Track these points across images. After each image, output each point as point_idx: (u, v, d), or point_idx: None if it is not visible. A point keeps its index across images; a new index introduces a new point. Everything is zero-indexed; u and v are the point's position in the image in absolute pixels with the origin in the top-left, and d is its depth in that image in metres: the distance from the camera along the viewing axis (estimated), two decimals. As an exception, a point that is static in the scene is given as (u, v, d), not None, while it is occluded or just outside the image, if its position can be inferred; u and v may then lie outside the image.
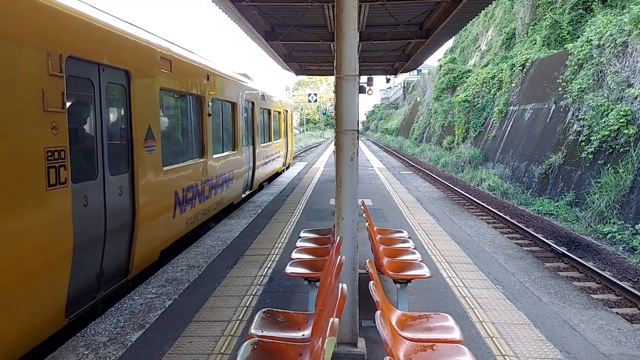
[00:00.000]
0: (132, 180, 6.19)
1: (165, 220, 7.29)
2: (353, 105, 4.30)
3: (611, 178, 12.44)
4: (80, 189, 4.98)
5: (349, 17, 4.19)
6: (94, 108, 5.37)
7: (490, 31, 37.47)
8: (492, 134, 24.17)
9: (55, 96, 4.49)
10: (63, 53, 4.63)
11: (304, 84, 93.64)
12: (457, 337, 3.27)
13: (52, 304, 4.62)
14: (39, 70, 4.30)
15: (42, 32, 4.38)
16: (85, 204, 5.08)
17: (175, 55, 7.66)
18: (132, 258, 6.21)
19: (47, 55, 4.38)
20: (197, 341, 4.62)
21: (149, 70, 6.70)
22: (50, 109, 4.41)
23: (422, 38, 12.49)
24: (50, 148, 4.41)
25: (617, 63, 14.59)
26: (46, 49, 4.39)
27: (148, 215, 6.56)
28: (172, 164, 7.61)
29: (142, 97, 6.42)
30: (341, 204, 4.35)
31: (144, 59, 6.57)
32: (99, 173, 5.44)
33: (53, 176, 4.44)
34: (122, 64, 5.91)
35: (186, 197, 8.12)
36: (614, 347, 4.50)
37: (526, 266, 7.08)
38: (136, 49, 6.36)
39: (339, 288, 2.75)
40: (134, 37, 6.32)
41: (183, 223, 8.09)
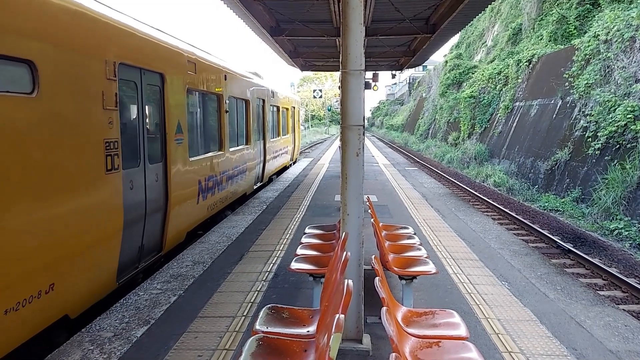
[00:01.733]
0: (165, 168, 7.11)
1: (191, 206, 8.20)
2: (359, 100, 4.28)
3: (618, 174, 12.35)
4: (128, 174, 5.91)
5: (355, 10, 4.16)
6: (137, 106, 6.32)
7: (497, 26, 37.25)
8: (497, 130, 24.06)
9: (110, 96, 5.43)
10: (116, 61, 5.57)
11: (309, 80, 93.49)
12: (463, 333, 3.25)
13: (108, 269, 5.57)
14: (100, 75, 5.26)
15: (102, 44, 5.35)
16: (131, 187, 6.01)
17: (198, 58, 8.56)
18: (165, 236, 7.15)
19: (105, 63, 5.34)
20: (202, 337, 4.62)
21: (178, 73, 7.59)
22: (107, 107, 5.35)
23: (428, 33, 12.41)
24: (108, 139, 5.36)
25: (625, 58, 14.47)
26: (104, 58, 5.34)
27: (178, 200, 7.48)
28: (196, 156, 8.53)
29: (173, 96, 7.31)
30: (347, 200, 4.33)
31: (175, 63, 7.46)
32: (141, 161, 6.37)
33: (109, 162, 5.39)
34: (158, 68, 6.84)
35: (207, 185, 9.05)
36: (621, 344, 4.47)
37: (532, 262, 7.05)
38: (168, 54, 7.27)
39: (345, 284, 2.74)
40: (167, 44, 7.24)
41: (204, 209, 9.00)
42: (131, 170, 6.02)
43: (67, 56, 4.71)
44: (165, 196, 7.08)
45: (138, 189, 6.19)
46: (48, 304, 4.48)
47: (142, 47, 6.39)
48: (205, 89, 9.02)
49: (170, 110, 7.22)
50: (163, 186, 7.02)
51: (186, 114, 7.89)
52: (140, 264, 6.44)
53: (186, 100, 7.90)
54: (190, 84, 8.07)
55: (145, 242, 6.51)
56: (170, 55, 7.31)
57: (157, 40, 6.89)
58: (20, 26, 4.08)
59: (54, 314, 4.65)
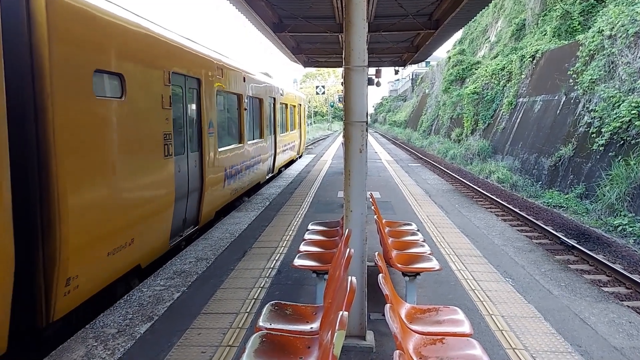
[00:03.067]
0: (201, 157, 8.56)
1: (219, 189, 9.67)
2: (362, 96, 4.26)
3: (622, 170, 12.30)
4: (177, 160, 7.35)
5: (358, 6, 4.14)
6: (182, 105, 7.75)
7: (500, 22, 37.08)
8: (501, 126, 23.98)
9: (166, 98, 6.86)
10: (170, 70, 7.02)
11: (312, 76, 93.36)
12: (467, 330, 3.24)
13: (165, 233, 7.06)
14: (160, 82, 6.72)
15: (161, 58, 6.80)
16: (179, 170, 7.46)
17: (224, 64, 10.00)
18: (200, 213, 8.62)
19: (163, 73, 6.80)
20: (205, 333, 4.63)
21: (210, 77, 9.00)
22: (164, 107, 6.80)
23: (431, 29, 12.36)
24: (165, 132, 6.83)
25: (629, 54, 14.39)
26: (163, 69, 6.81)
27: (210, 183, 8.91)
28: (223, 147, 9.97)
29: (206, 96, 8.77)
30: (350, 197, 4.32)
31: (208, 69, 8.90)
32: (185, 150, 7.85)
33: (166, 150, 6.86)
34: (196, 74, 8.26)
35: (231, 173, 10.53)
36: (625, 341, 4.45)
37: (536, 259, 7.03)
38: (203, 62, 8.69)
39: (348, 281, 2.73)
40: (202, 53, 8.67)
41: (228, 193, 10.50)
42: (178, 156, 7.49)
43: (141, 69, 6.22)
44: (201, 179, 8.56)
45: (183, 172, 7.72)
46: (131, 253, 5.96)
47: (185, 58, 7.84)
48: (229, 90, 10.50)
49: (205, 108, 8.67)
50: (199, 171, 8.50)
51: (216, 111, 9.35)
52: (183, 233, 7.95)
53: (216, 100, 9.36)
54: (218, 86, 9.52)
55: (187, 215, 8.06)
56: (204, 63, 8.74)
57: (195, 51, 8.34)
58: (116, 49, 5.58)
59: (133, 261, 6.14)
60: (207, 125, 8.79)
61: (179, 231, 7.72)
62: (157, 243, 6.80)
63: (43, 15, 4.42)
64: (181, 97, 7.72)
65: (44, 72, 4.44)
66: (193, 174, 8.14)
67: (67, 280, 4.70)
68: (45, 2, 4.45)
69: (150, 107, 6.41)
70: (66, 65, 4.70)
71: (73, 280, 4.80)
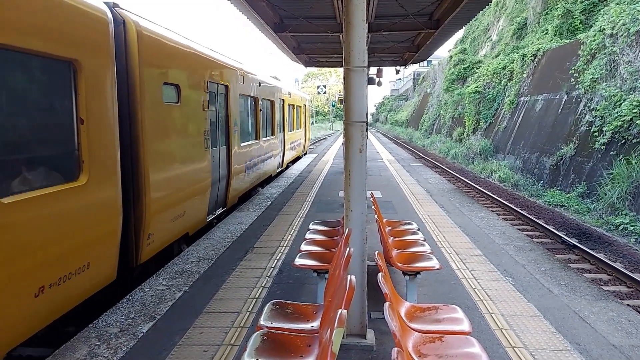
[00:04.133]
0: (228, 150, 10.16)
1: (241, 178, 11.35)
2: (362, 96, 4.29)
3: (623, 169, 12.30)
4: (212, 152, 8.99)
5: (358, 7, 4.17)
6: (215, 107, 9.25)
7: (502, 21, 37.05)
8: (502, 125, 23.98)
9: (205, 102, 8.49)
10: (207, 80, 8.66)
11: (313, 75, 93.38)
12: (466, 328, 3.27)
13: (204, 210, 8.71)
14: (201, 90, 8.36)
15: (202, 70, 8.46)
16: (213, 160, 9.06)
17: (245, 71, 11.67)
18: (228, 196, 10.33)
19: (203, 82, 8.44)
20: (207, 332, 4.66)
21: (234, 83, 10.58)
22: (204, 109, 8.44)
23: (432, 29, 12.36)
24: (205, 129, 8.52)
25: (631, 53, 14.39)
26: (203, 79, 8.46)
27: (235, 172, 10.60)
28: (244, 143, 11.63)
29: (232, 100, 10.35)
30: (350, 197, 4.35)
31: (233, 77, 10.49)
32: (217, 144, 9.43)
33: (206, 143, 8.53)
34: (225, 82, 9.86)
35: (250, 165, 12.21)
36: (624, 339, 4.47)
37: (536, 258, 7.05)
38: (230, 71, 10.29)
39: (348, 280, 2.76)
40: (228, 64, 10.26)
41: (248, 182, 12.24)
42: (213, 149, 9.10)
43: (190, 80, 7.85)
44: (228, 169, 10.20)
45: (216, 162, 9.32)
46: (183, 222, 7.65)
47: (217, 69, 9.40)
48: (249, 94, 12.22)
49: (231, 110, 10.24)
50: (227, 162, 10.12)
51: (239, 112, 10.98)
52: (215, 212, 9.63)
53: (239, 102, 10.99)
54: (240, 91, 11.16)
55: (218, 198, 9.75)
56: (230, 72, 10.36)
57: (224, 62, 9.94)
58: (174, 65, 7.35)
59: (184, 229, 7.82)
60: (233, 124, 10.40)
61: (212, 210, 9.43)
62: (199, 217, 8.51)
63: (135, 45, 6.08)
64: (214, 101, 9.27)
65: (135, 85, 6.14)
66: (223, 164, 9.84)
67: (148, 235, 6.41)
68: (137, 37, 6.07)
69: (195, 109, 8.09)
70: (148, 80, 6.34)
71: (151, 236, 6.49)
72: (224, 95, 9.91)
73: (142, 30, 6.22)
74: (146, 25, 6.43)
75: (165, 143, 6.89)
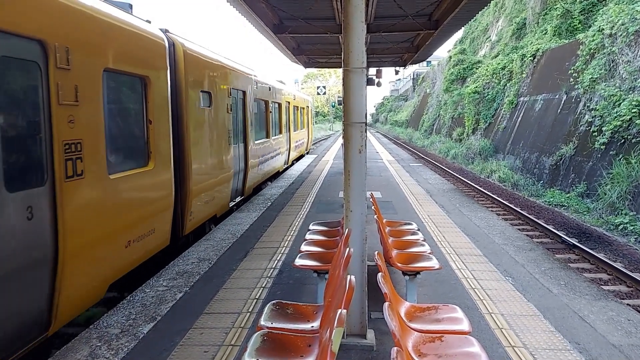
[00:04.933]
0: (245, 146, 11.69)
1: (255, 171, 12.89)
2: (361, 97, 4.30)
3: (623, 169, 12.32)
4: (234, 147, 10.48)
5: (357, 9, 4.19)
6: (234, 110, 10.60)
7: (501, 21, 37.08)
8: (502, 125, 24.00)
9: (229, 106, 10.01)
10: (230, 87, 10.19)
11: (313, 76, 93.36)
12: (466, 328, 3.28)
13: (227, 197, 10.28)
14: (226, 95, 9.86)
15: (227, 79, 10.02)
16: (235, 155, 10.57)
17: (258, 78, 13.41)
18: (245, 186, 11.87)
19: (227, 89, 9.97)
20: (207, 333, 4.68)
21: (250, 89, 12.18)
22: (228, 112, 9.96)
23: (431, 29, 12.37)
24: (229, 128, 10.01)
25: (630, 52, 14.40)
26: (227, 86, 9.99)
27: (251, 165, 12.12)
28: (257, 140, 13.19)
29: (249, 103, 11.94)
30: (350, 197, 4.36)
31: (249, 83, 12.10)
32: (237, 141, 10.95)
33: (229, 140, 10.05)
34: (243, 88, 11.47)
35: (262, 160, 13.83)
36: (623, 338, 4.49)
37: (536, 258, 7.06)
38: (247, 79, 11.92)
39: (347, 280, 2.77)
40: (246, 73, 11.86)
41: (261, 175, 13.85)
42: (234, 145, 10.56)
43: (219, 87, 9.41)
44: (245, 162, 11.70)
45: (236, 156, 10.76)
46: (212, 205, 9.19)
47: (237, 77, 10.95)
48: (261, 97, 13.87)
49: (247, 111, 11.78)
50: (244, 156, 11.62)
51: (253, 114, 12.54)
52: (235, 199, 11.16)
53: (253, 105, 12.56)
54: (255, 95, 12.77)
55: (237, 187, 11.24)
56: (247, 79, 11.94)
57: (242, 72, 11.51)
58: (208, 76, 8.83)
59: (214, 211, 9.38)
60: (249, 124, 11.99)
61: (233, 197, 11.00)
62: (223, 203, 10.03)
63: (182, 62, 7.64)
64: (235, 105, 10.75)
65: (182, 93, 7.65)
66: (241, 158, 11.35)
67: (190, 213, 7.94)
68: (183, 55, 7.65)
69: (222, 112, 9.61)
70: (190, 89, 7.90)
71: (192, 214, 8.03)
72: (242, 100, 11.54)
73: (186, 50, 7.80)
74: (189, 45, 8.02)
75: (202, 139, 8.49)
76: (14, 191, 3.95)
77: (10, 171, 3.95)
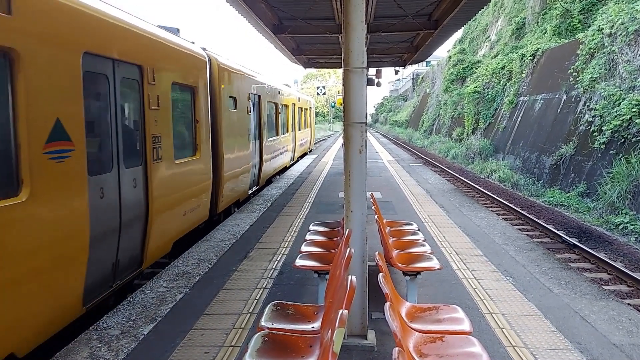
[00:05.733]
0: (260, 143, 13.72)
1: (268, 164, 15.04)
2: (361, 97, 4.30)
3: (623, 168, 12.31)
4: (252, 143, 12.48)
5: (357, 8, 4.18)
6: (253, 112, 12.66)
7: (500, 21, 37.08)
8: (502, 125, 23.99)
9: (249, 108, 12.03)
10: (249, 92, 12.15)
11: (313, 76, 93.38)
12: (467, 328, 3.27)
13: (247, 185, 12.19)
14: (246, 99, 11.79)
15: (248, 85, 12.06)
16: (252, 149, 12.53)
17: (270, 85, 15.51)
18: (260, 177, 13.90)
19: (247, 94, 11.92)
20: (208, 334, 4.67)
21: (264, 93, 14.30)
22: (248, 113, 11.87)
23: (431, 29, 12.37)
24: (248, 127, 12.05)
25: (629, 52, 14.40)
26: (248, 92, 11.94)
27: (265, 160, 14.19)
28: (269, 138, 15.26)
29: (263, 106, 14.01)
30: (350, 197, 4.35)
31: (263, 88, 14.16)
32: (255, 138, 13.01)
33: (249, 137, 12.07)
34: (259, 93, 13.49)
35: (273, 156, 15.87)
36: (625, 338, 4.48)
37: (537, 257, 7.05)
38: (262, 86, 13.98)
39: (348, 280, 2.76)
40: (261, 81, 13.87)
41: (272, 169, 16.01)
42: (253, 141, 12.60)
43: (241, 93, 11.27)
44: (260, 156, 13.76)
45: (253, 150, 12.78)
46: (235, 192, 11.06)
47: (254, 83, 12.96)
48: (273, 101, 16.02)
49: (262, 113, 13.92)
50: (260, 151, 13.66)
51: (266, 115, 14.70)
52: (252, 188, 13.04)
53: (266, 107, 14.73)
54: (267, 99, 14.90)
55: (254, 178, 13.25)
56: (263, 86, 14.09)
57: (258, 79, 13.54)
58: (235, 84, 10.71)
59: (236, 196, 11.25)
60: (264, 123, 14.03)
61: (251, 186, 12.90)
62: (244, 189, 11.99)
63: (216, 74, 9.57)
64: (253, 107, 12.71)
65: (216, 99, 9.55)
66: (257, 152, 13.38)
67: (222, 195, 9.89)
68: (217, 68, 9.60)
69: (244, 113, 11.57)
70: (223, 95, 9.84)
71: (223, 197, 9.99)
72: (258, 103, 13.52)
73: (219, 64, 9.75)
74: (221, 60, 9.96)
75: (230, 136, 10.34)
76: (127, 168, 5.90)
77: (126, 155, 5.84)
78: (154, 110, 6.49)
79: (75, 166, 4.73)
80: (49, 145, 4.32)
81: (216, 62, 9.59)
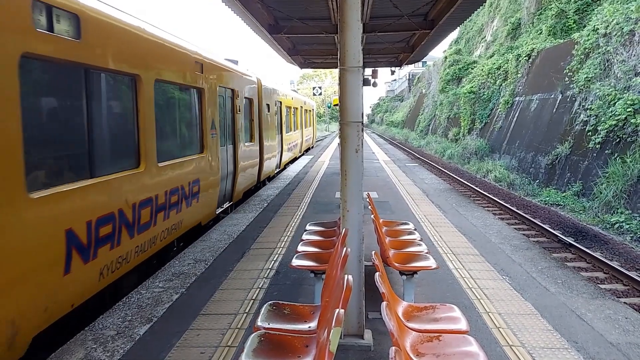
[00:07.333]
0: (281, 137, 18.61)
1: (286, 153, 19.90)
2: (357, 97, 4.29)
3: (618, 168, 12.35)
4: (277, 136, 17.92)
5: (353, 8, 4.17)
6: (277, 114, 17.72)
7: (496, 21, 37.16)
8: (498, 125, 24.04)
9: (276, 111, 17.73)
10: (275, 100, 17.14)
11: (309, 77, 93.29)
12: (464, 327, 3.27)
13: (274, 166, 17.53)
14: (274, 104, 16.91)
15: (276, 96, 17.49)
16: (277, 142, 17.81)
17: (285, 93, 20.13)
18: (280, 163, 18.69)
19: (275, 101, 17.12)
20: (204, 334, 4.65)
21: (285, 100, 19.76)
22: (275, 115, 17.08)
23: (427, 29, 12.37)
24: (276, 125, 17.56)
25: (624, 52, 14.45)
26: (275, 99, 17.22)
27: (284, 149, 19.42)
28: (287, 134, 19.86)
29: (283, 110, 19.02)
30: (346, 197, 4.35)
31: (285, 96, 19.83)
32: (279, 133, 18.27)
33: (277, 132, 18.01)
34: (281, 99, 18.43)
35: (287, 148, 20.41)
36: (621, 336, 4.49)
37: (533, 257, 7.06)
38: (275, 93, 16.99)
39: (345, 280, 2.75)
40: (283, 91, 19.74)
41: (288, 157, 20.83)
42: (277, 135, 17.39)
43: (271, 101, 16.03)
44: (281, 146, 18.51)
45: (277, 142, 17.40)
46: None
47: (279, 93, 17.86)
48: (289, 105, 20.52)
49: (283, 115, 18.64)
50: (281, 142, 18.48)
51: (285, 116, 19.57)
52: (275, 170, 17.06)
53: (285, 111, 19.58)
54: (286, 104, 19.58)
55: (278, 162, 17.97)
56: (276, 94, 17.26)
57: (281, 91, 18.26)
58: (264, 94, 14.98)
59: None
60: (284, 123, 19.13)
61: (276, 167, 17.43)
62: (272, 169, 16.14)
63: (260, 89, 14.17)
64: (277, 110, 17.19)
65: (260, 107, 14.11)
66: (279, 143, 18.08)
67: (262, 170, 14.33)
68: (260, 85, 14.17)
69: (273, 115, 15.80)
70: (262, 104, 14.31)
71: (262, 172, 14.51)
72: (279, 107, 18.03)
73: (262, 83, 14.21)
74: (262, 79, 14.35)
75: (266, 130, 14.65)
76: (230, 145, 10.64)
77: (224, 138, 10.13)
78: (238, 114, 11.20)
79: (217, 141, 9.44)
80: (212, 131, 9.01)
81: (260, 82, 14.07)
